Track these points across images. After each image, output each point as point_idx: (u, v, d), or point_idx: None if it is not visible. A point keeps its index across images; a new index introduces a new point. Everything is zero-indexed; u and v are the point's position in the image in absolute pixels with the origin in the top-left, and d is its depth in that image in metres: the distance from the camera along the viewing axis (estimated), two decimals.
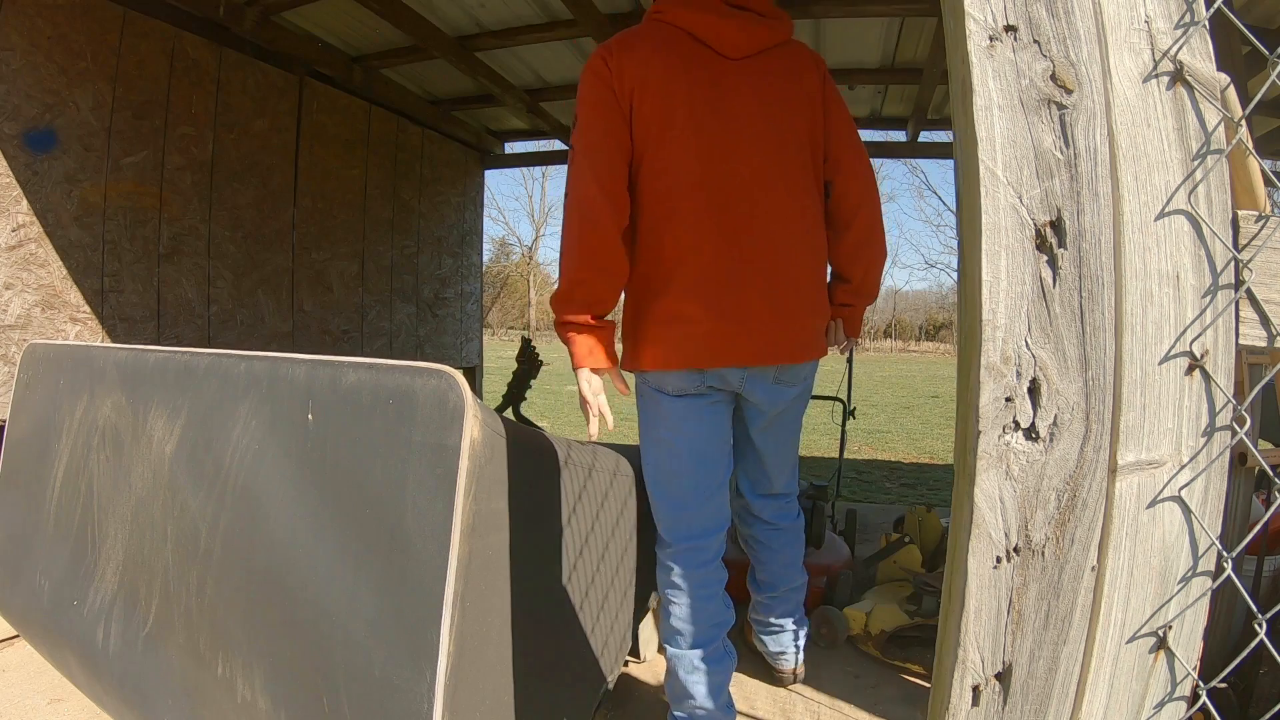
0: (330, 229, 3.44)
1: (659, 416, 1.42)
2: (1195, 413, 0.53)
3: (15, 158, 2.11)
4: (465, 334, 4.65)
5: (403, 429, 0.94)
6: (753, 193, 1.34)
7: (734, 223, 1.33)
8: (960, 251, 0.58)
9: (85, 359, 1.62)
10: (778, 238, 1.35)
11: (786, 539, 1.68)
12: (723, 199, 1.33)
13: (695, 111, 1.32)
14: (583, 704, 1.36)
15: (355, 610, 0.95)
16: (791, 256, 1.37)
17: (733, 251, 1.33)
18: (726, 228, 1.32)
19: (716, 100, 1.33)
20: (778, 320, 1.36)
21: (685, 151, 1.31)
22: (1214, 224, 0.52)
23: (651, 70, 1.30)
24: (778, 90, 1.37)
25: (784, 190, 1.37)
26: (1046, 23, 0.52)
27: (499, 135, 4.72)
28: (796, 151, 1.38)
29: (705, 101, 1.32)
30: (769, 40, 1.38)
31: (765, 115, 1.35)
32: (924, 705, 1.44)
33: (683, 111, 1.31)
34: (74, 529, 1.50)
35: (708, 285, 1.32)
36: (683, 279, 1.32)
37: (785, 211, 1.36)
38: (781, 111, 1.37)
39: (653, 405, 1.43)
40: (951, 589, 0.56)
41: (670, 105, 1.31)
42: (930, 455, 6.34)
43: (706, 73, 1.33)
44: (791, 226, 1.37)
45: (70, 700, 1.60)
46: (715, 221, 1.32)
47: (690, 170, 1.31)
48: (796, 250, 1.38)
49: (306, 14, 2.87)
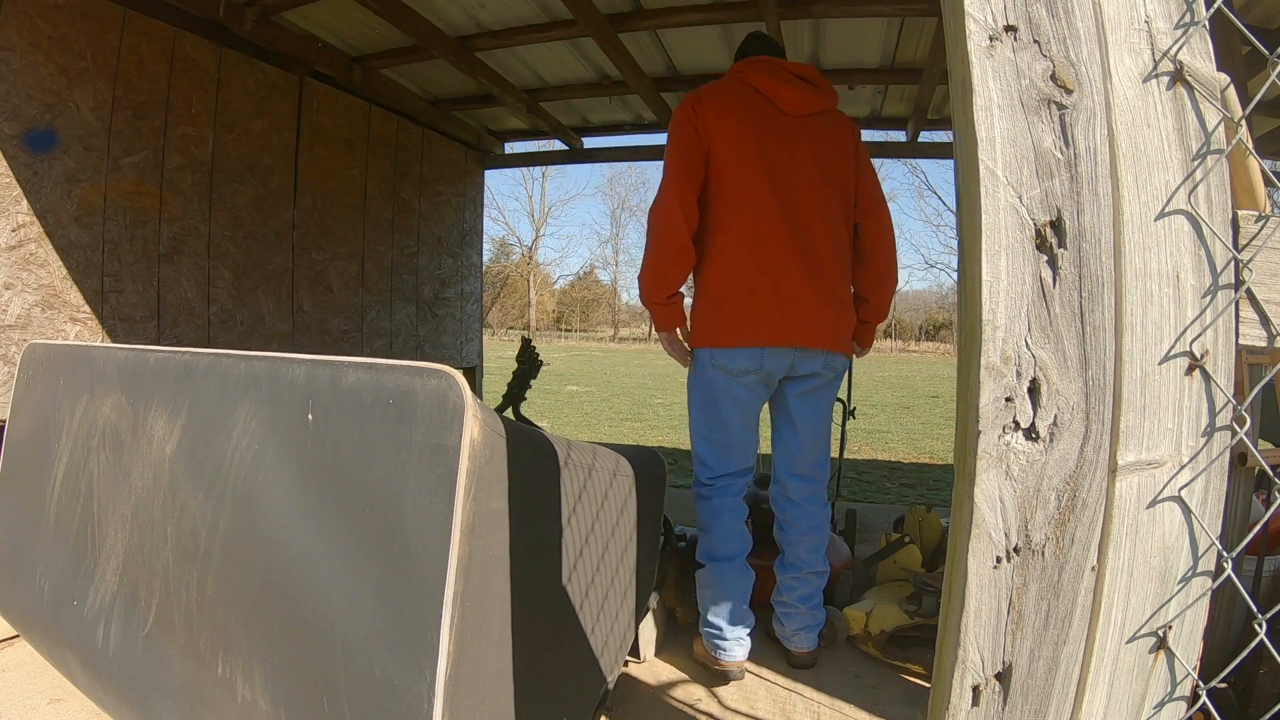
0: (330, 229, 3.44)
1: (716, 393, 1.80)
2: (1195, 413, 0.53)
3: (15, 158, 2.11)
4: (465, 334, 4.65)
5: (403, 429, 0.94)
6: (810, 219, 1.75)
7: (797, 242, 1.73)
8: (960, 251, 0.58)
9: (85, 359, 1.62)
10: (825, 257, 1.76)
11: (813, 523, 1.92)
12: (790, 222, 1.73)
13: (767, 152, 1.73)
14: (583, 704, 1.36)
15: (355, 610, 0.95)
16: (833, 272, 1.78)
17: (795, 264, 1.72)
18: (792, 245, 1.72)
19: (784, 145, 1.75)
20: (825, 317, 1.76)
21: (760, 183, 1.73)
22: (1214, 224, 0.52)
23: (728, 118, 1.73)
24: (826, 146, 1.80)
25: (828, 222, 1.78)
26: (1046, 23, 0.52)
27: (499, 135, 4.72)
28: (835, 196, 1.80)
29: (775, 145, 1.74)
30: (821, 106, 1.82)
31: (817, 163, 1.77)
32: (924, 705, 1.44)
33: (754, 152, 1.73)
34: (74, 529, 1.50)
35: (778, 286, 1.72)
36: (752, 279, 1.72)
37: (829, 239, 1.78)
38: (829, 162, 1.79)
39: (710, 382, 1.80)
40: (951, 589, 0.56)
41: (744, 146, 1.73)
42: (930, 455, 6.34)
43: (773, 125, 1.76)
44: (833, 251, 1.78)
45: (70, 700, 1.60)
46: (784, 240, 1.72)
47: (764, 196, 1.73)
48: (836, 269, 1.79)
49: (306, 14, 2.87)
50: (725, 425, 1.82)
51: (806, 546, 1.91)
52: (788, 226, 1.72)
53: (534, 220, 44.63)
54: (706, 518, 1.89)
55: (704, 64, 3.43)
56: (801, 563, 1.91)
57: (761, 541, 2.50)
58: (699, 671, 1.89)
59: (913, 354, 36.09)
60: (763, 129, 1.74)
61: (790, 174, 1.74)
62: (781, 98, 1.76)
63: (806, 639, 1.93)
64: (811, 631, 1.94)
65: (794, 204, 1.73)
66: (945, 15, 0.57)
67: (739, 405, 1.80)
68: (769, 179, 1.72)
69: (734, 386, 1.78)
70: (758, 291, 1.71)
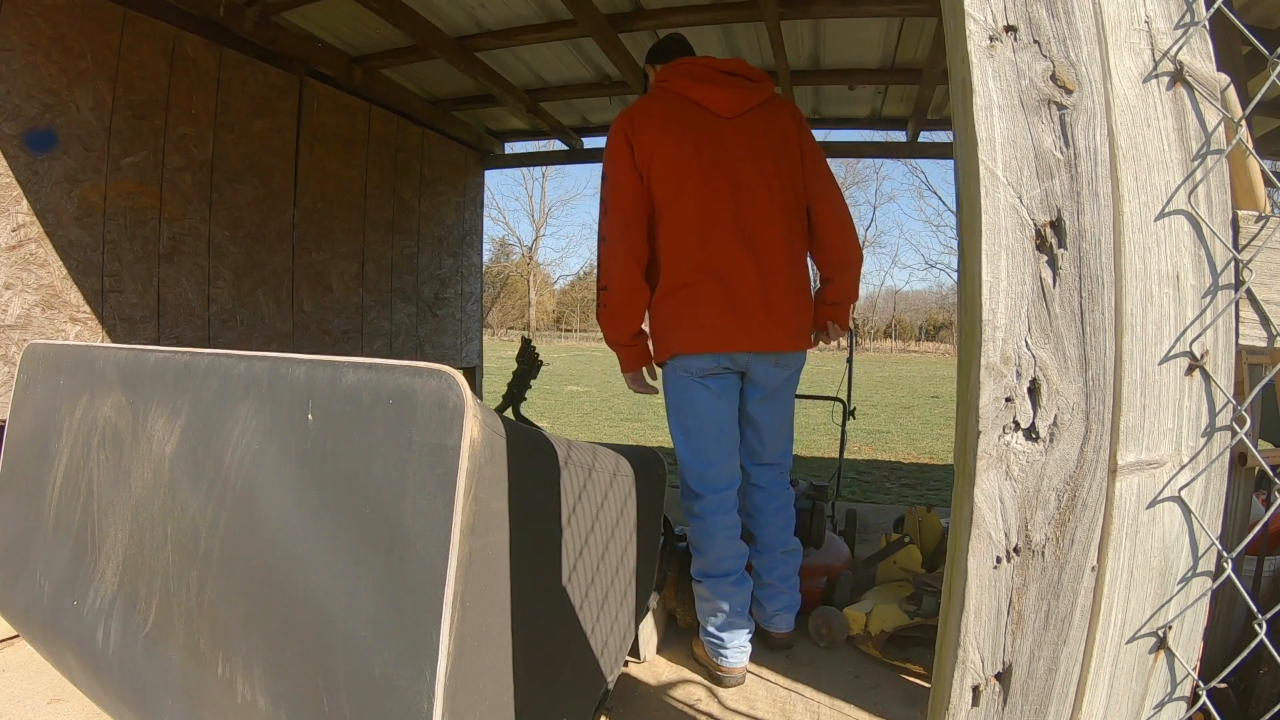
0: (330, 229, 3.44)
1: (686, 395, 1.82)
2: (1195, 413, 0.53)
3: (15, 158, 2.11)
4: (465, 334, 4.65)
5: (402, 429, 0.94)
6: (758, 220, 1.75)
7: (746, 247, 1.73)
8: (960, 251, 0.58)
9: (85, 359, 1.62)
10: (771, 258, 1.76)
11: (778, 505, 1.98)
12: (737, 227, 1.73)
13: (706, 161, 1.73)
14: (583, 704, 1.36)
15: (355, 610, 0.95)
16: (782, 272, 1.77)
17: (737, 268, 1.73)
18: (733, 252, 1.73)
19: (722, 150, 1.74)
20: (772, 320, 1.76)
21: (699, 196, 1.72)
22: (1214, 224, 0.52)
23: (662, 135, 1.72)
24: (764, 141, 1.77)
25: (774, 220, 1.77)
26: (1046, 23, 0.52)
27: (499, 135, 4.72)
28: (781, 189, 1.78)
29: (713, 152, 1.73)
30: (755, 101, 1.78)
31: (755, 161, 1.76)
32: (924, 705, 1.44)
33: (693, 164, 1.72)
34: (74, 529, 1.50)
35: (723, 294, 1.73)
36: (704, 290, 1.73)
37: (776, 237, 1.77)
38: (768, 157, 1.77)
39: (681, 386, 1.82)
40: (951, 589, 0.56)
41: (682, 161, 1.72)
42: (930, 455, 6.34)
43: (708, 131, 1.74)
44: (781, 249, 1.77)
45: (70, 700, 1.60)
46: (725, 248, 1.73)
47: (704, 210, 1.72)
48: (786, 267, 1.78)
49: (306, 14, 2.87)
50: (701, 423, 1.82)
51: (776, 526, 1.96)
52: (734, 232, 1.73)
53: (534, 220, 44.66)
54: (700, 537, 1.86)
55: None
56: (775, 542, 1.96)
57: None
58: (699, 671, 1.89)
59: (913, 354, 36.09)
60: (699, 137, 1.73)
61: (732, 178, 1.73)
62: (712, 102, 1.74)
63: (785, 620, 1.97)
64: (790, 612, 1.98)
65: (739, 208, 1.73)
66: (945, 15, 0.57)
67: (710, 404, 1.81)
68: (710, 188, 1.72)
69: (700, 387, 1.80)
70: (709, 302, 1.73)
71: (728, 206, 1.72)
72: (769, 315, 1.74)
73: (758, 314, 1.73)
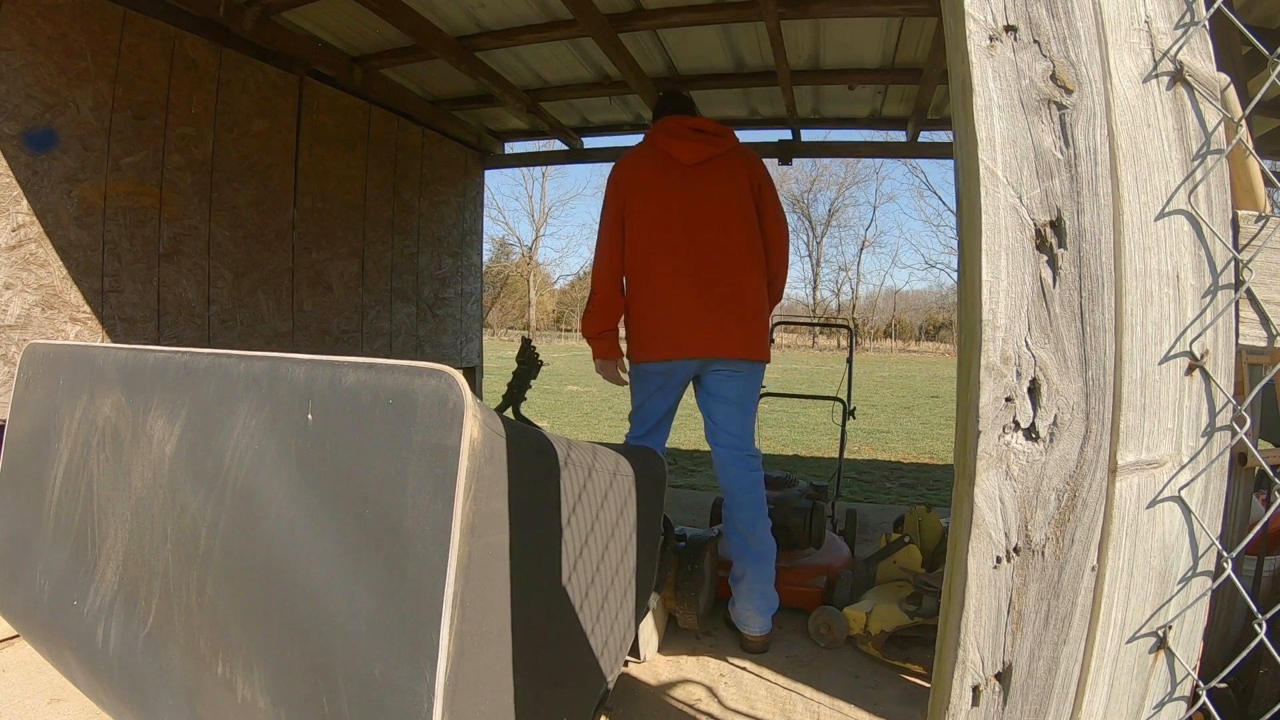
0: (330, 229, 3.44)
1: (641, 383, 2.23)
2: (1195, 413, 0.53)
3: (15, 158, 2.11)
4: (465, 334, 4.65)
5: (402, 429, 0.94)
6: (707, 247, 2.11)
7: (694, 269, 2.09)
8: (960, 251, 0.58)
9: (85, 359, 1.62)
10: (721, 278, 2.10)
11: (744, 484, 2.20)
12: (688, 253, 2.10)
13: (667, 198, 2.13)
14: (583, 704, 1.35)
15: (355, 610, 0.95)
16: (731, 291, 2.11)
17: (689, 291, 2.09)
18: (685, 278, 2.09)
19: (681, 190, 2.14)
20: (719, 332, 2.11)
21: (662, 230, 2.12)
22: (1214, 224, 0.52)
23: (640, 180, 2.17)
24: (720, 184, 2.15)
25: (726, 246, 2.12)
26: (1046, 23, 0.52)
27: (499, 135, 4.72)
28: (733, 226, 2.14)
29: (674, 191, 2.14)
30: (714, 153, 2.17)
31: (709, 202, 2.13)
32: (924, 705, 1.44)
33: (657, 200, 2.14)
34: (74, 529, 1.50)
35: (677, 311, 2.10)
36: (662, 307, 2.12)
37: (727, 261, 2.11)
38: (721, 199, 2.14)
39: (639, 376, 2.23)
40: (951, 589, 0.56)
41: (649, 198, 2.15)
42: (930, 455, 6.34)
43: (673, 176, 2.15)
44: (730, 271, 2.11)
45: (70, 700, 1.60)
46: (679, 274, 2.10)
47: (665, 242, 2.12)
48: (735, 286, 2.12)
49: (306, 14, 2.87)
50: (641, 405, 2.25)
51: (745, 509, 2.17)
52: (685, 257, 2.10)
53: (534, 220, 44.64)
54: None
55: (704, 64, 3.43)
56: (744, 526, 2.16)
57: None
58: (699, 671, 1.89)
59: (913, 354, 36.08)
60: (664, 180, 2.15)
61: (687, 213, 2.12)
62: (677, 152, 2.15)
63: (757, 622, 2.08)
64: (761, 614, 2.08)
65: (692, 237, 2.11)
66: (945, 15, 0.57)
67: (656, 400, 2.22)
68: (667, 219, 2.12)
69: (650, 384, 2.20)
70: (662, 316, 2.12)
71: (681, 236, 2.11)
72: (714, 326, 2.10)
73: (704, 325, 2.09)
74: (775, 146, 4.33)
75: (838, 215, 42.73)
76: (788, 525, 2.45)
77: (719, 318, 2.10)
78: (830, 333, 34.02)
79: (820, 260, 42.71)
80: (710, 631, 2.20)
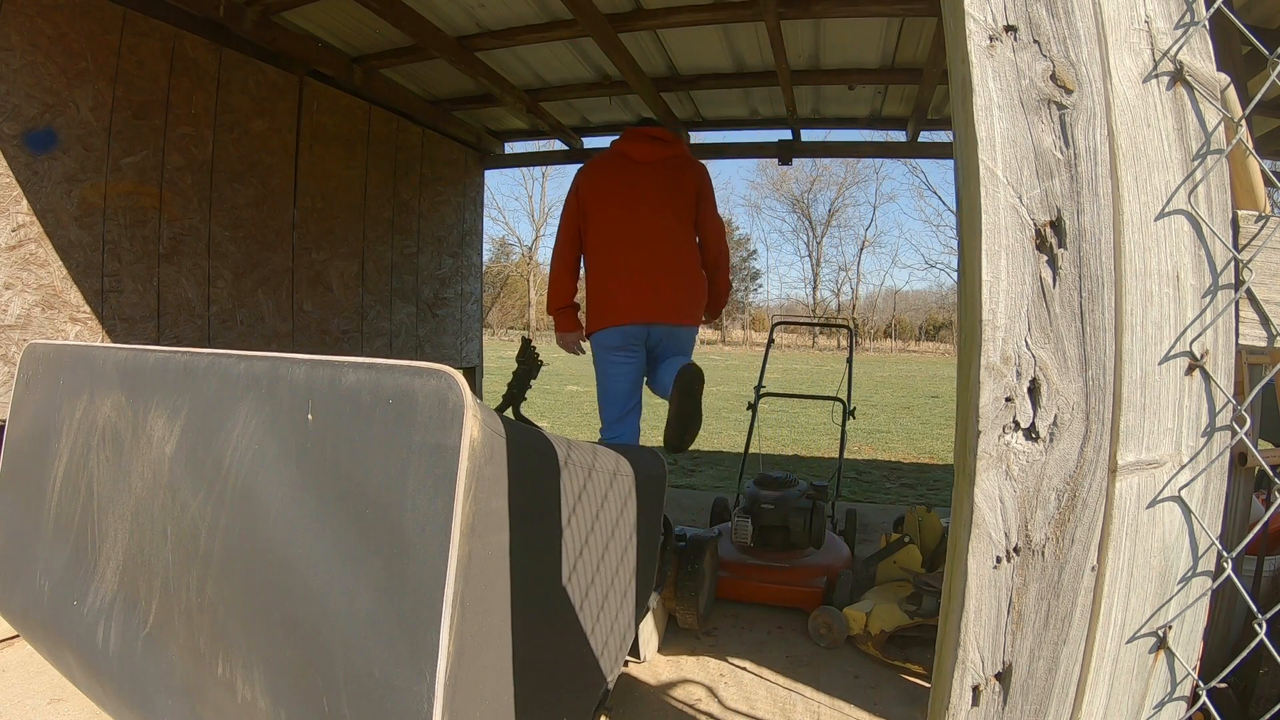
0: (330, 229, 3.44)
1: (601, 363, 2.56)
2: (1195, 413, 0.53)
3: (15, 158, 2.11)
4: (465, 334, 4.65)
5: (402, 429, 0.94)
6: (651, 233, 2.47)
7: (637, 255, 2.45)
8: (960, 251, 0.58)
9: (85, 359, 1.62)
10: (661, 260, 2.46)
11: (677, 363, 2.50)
12: (632, 241, 2.46)
13: (619, 195, 2.50)
14: (583, 704, 1.35)
15: (355, 610, 0.95)
16: (668, 270, 2.47)
17: (636, 268, 2.44)
18: (634, 257, 2.45)
19: (632, 184, 2.51)
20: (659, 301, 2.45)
21: (614, 217, 2.49)
22: (1214, 224, 0.52)
23: (598, 181, 2.55)
24: (667, 181, 2.52)
25: (667, 234, 2.49)
26: (1046, 23, 0.52)
27: (499, 135, 4.72)
28: (673, 216, 2.50)
29: (625, 184, 2.51)
30: (664, 155, 2.55)
31: (658, 193, 2.50)
32: (924, 705, 1.44)
33: (610, 192, 2.51)
34: (74, 529, 1.50)
35: (626, 285, 2.45)
36: (614, 283, 2.47)
37: (667, 245, 2.48)
38: (666, 195, 2.51)
39: (599, 356, 2.55)
40: (951, 589, 0.56)
41: (603, 190, 2.53)
42: (930, 455, 6.34)
43: (627, 173, 2.52)
44: (669, 254, 2.48)
45: (70, 700, 1.60)
46: (628, 254, 2.46)
47: (615, 227, 2.48)
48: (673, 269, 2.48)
49: (306, 14, 2.87)
50: (606, 387, 2.54)
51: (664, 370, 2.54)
52: (633, 241, 2.45)
53: (534, 220, 44.63)
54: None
55: (704, 64, 3.43)
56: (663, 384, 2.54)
57: (760, 541, 2.50)
58: (699, 671, 1.89)
59: (913, 354, 36.07)
60: (618, 175, 2.53)
61: (635, 202, 2.47)
62: (632, 151, 2.54)
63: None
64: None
65: (638, 223, 2.46)
66: (945, 15, 0.57)
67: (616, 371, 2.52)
68: (618, 208, 2.48)
69: (609, 358, 2.51)
70: (613, 289, 2.46)
71: (629, 223, 2.47)
72: (655, 296, 2.44)
73: (646, 296, 2.44)
74: (775, 146, 4.33)
75: (838, 215, 42.71)
76: (788, 525, 2.45)
77: (660, 290, 2.48)
78: (830, 333, 33.97)
79: (820, 260, 42.69)
80: (710, 631, 2.20)
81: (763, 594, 2.37)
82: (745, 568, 2.42)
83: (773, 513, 2.46)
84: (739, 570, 2.42)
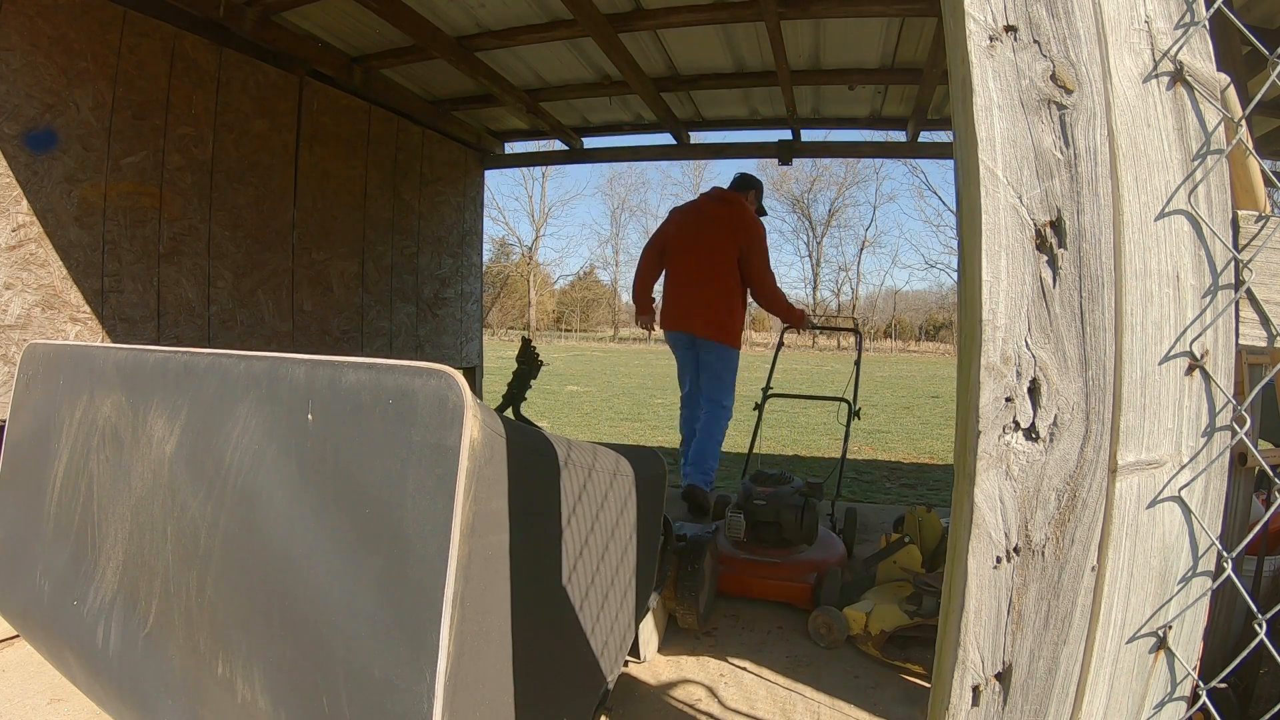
0: (330, 229, 3.44)
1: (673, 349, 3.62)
2: (1195, 413, 0.53)
3: (15, 158, 2.11)
4: (465, 334, 4.65)
5: (402, 429, 0.94)
6: (697, 270, 3.39)
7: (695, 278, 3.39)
8: (960, 251, 0.58)
9: (85, 359, 1.62)
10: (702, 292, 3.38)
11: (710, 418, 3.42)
12: (686, 271, 3.43)
13: (687, 234, 3.47)
14: (583, 704, 1.35)
15: (355, 610, 0.95)
16: (707, 294, 3.37)
17: (684, 293, 3.44)
18: (692, 280, 3.41)
19: (697, 230, 3.45)
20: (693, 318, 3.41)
21: (680, 250, 3.48)
22: (1214, 224, 0.52)
23: (679, 219, 3.54)
24: (720, 234, 3.38)
25: (709, 274, 3.37)
26: (1046, 23, 0.52)
27: (499, 135, 4.72)
28: (721, 260, 3.37)
29: (691, 230, 3.47)
30: (725, 213, 3.41)
31: (711, 240, 3.39)
32: (924, 705, 1.44)
33: (683, 234, 3.49)
34: (74, 529, 1.50)
35: (676, 302, 3.47)
36: (670, 298, 3.50)
37: (706, 282, 3.37)
38: (719, 242, 3.38)
39: (670, 344, 3.59)
40: (951, 589, 0.56)
41: (681, 230, 3.50)
42: (930, 455, 6.34)
43: (698, 218, 3.48)
44: (707, 288, 3.37)
45: (70, 700, 1.60)
46: (684, 281, 3.45)
47: (678, 257, 3.48)
48: (711, 293, 3.37)
49: (306, 14, 2.87)
50: (680, 374, 3.66)
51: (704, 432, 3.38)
52: (687, 271, 3.41)
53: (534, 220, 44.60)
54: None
55: (704, 64, 3.43)
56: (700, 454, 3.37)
57: (756, 537, 2.50)
58: (699, 671, 1.89)
59: (913, 354, 36.08)
60: (692, 219, 3.49)
61: (695, 244, 3.41)
62: (704, 205, 3.48)
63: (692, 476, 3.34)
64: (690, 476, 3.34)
65: (692, 258, 3.40)
66: (945, 15, 0.57)
67: (677, 357, 3.62)
68: (684, 243, 3.45)
69: (672, 348, 3.59)
70: (669, 302, 3.48)
71: (690, 257, 3.42)
72: (700, 315, 3.37)
73: (695, 313, 3.38)
74: (775, 146, 4.33)
75: (838, 215, 42.73)
76: (780, 521, 2.46)
77: (694, 310, 3.40)
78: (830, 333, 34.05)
79: (820, 260, 42.71)
80: (710, 631, 2.20)
81: (753, 588, 2.39)
82: (737, 562, 2.43)
83: (765, 509, 2.46)
84: (731, 564, 2.44)
